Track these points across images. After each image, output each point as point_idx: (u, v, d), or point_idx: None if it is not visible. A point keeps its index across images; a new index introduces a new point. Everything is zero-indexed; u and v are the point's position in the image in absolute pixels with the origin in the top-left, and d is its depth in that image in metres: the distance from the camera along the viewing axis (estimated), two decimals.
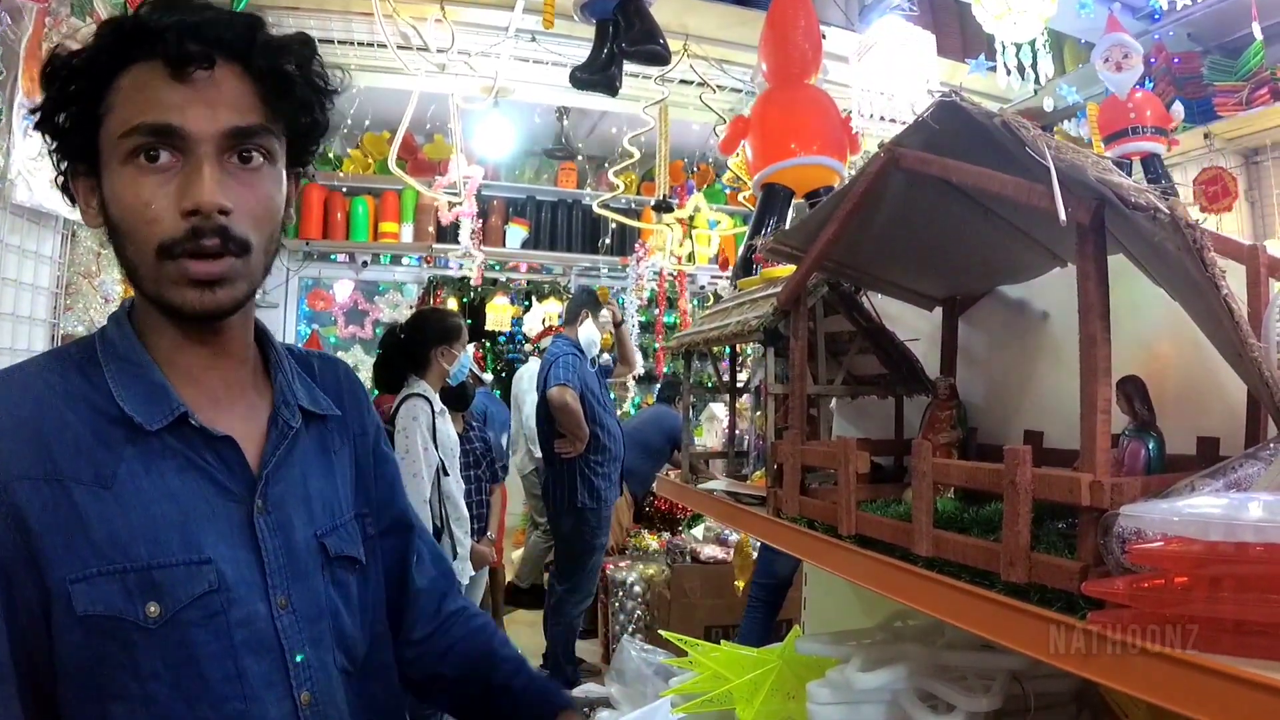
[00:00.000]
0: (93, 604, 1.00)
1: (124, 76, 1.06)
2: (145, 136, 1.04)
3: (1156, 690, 0.69)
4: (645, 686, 2.97)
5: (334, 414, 1.31)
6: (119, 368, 1.11)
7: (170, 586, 1.03)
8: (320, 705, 1.14)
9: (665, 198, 6.39)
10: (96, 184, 1.10)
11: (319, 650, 1.16)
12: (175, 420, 1.09)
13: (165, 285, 1.07)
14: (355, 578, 1.26)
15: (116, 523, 1.03)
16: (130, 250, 1.08)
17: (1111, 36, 3.52)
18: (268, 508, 1.14)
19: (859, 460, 1.16)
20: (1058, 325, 1.43)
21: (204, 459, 1.11)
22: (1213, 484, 0.81)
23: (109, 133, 1.06)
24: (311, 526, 1.20)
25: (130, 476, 1.05)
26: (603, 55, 2.89)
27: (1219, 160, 5.03)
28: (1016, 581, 0.86)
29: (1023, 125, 0.88)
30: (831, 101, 2.11)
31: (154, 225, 1.05)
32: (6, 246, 3.92)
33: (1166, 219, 0.73)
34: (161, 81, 1.05)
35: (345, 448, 1.33)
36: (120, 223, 1.07)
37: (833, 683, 1.29)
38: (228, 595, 1.07)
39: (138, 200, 1.05)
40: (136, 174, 1.05)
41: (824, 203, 1.27)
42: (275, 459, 1.17)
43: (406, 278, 8.40)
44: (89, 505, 1.02)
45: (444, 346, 4.13)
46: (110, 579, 1.01)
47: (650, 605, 5.82)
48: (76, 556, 1.01)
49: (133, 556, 1.02)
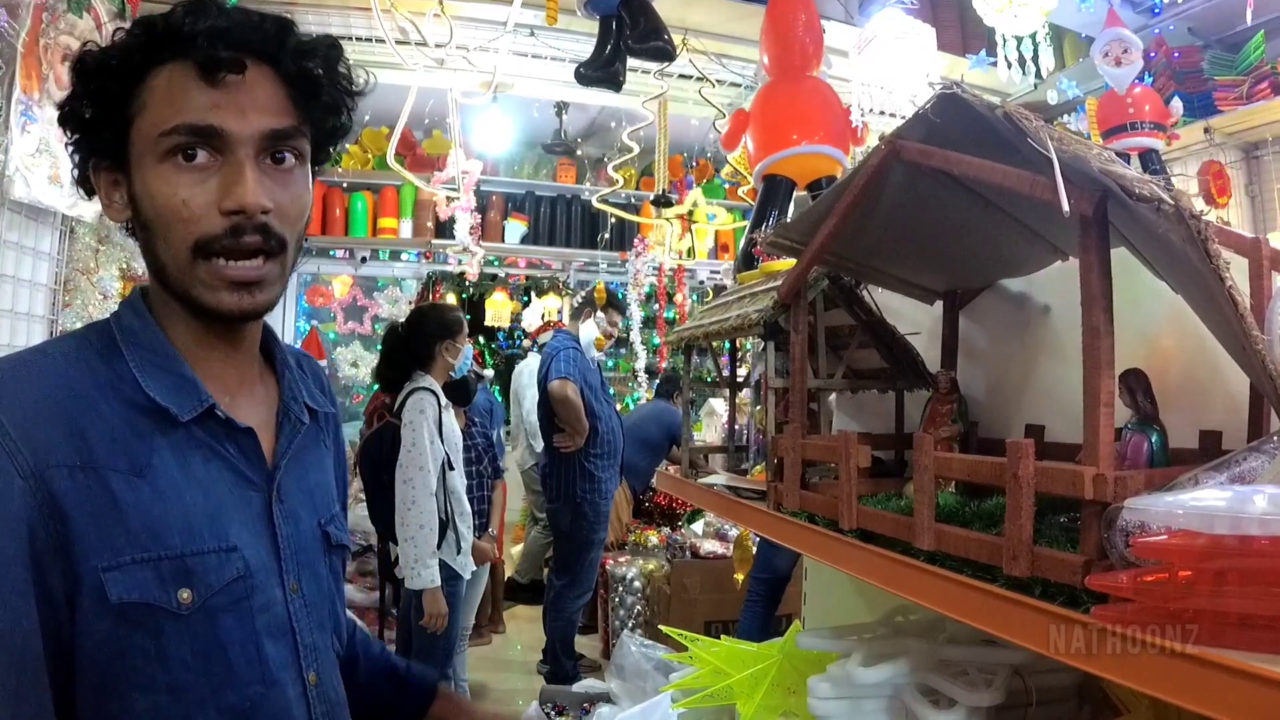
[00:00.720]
0: (127, 591, 1.01)
1: (156, 76, 1.08)
2: (186, 136, 1.05)
3: (1161, 684, 0.68)
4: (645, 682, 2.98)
5: (329, 411, 1.35)
6: (144, 358, 1.12)
7: (203, 573, 1.06)
8: (323, 685, 1.19)
9: (665, 192, 6.38)
10: (123, 179, 1.11)
11: (322, 633, 1.21)
12: (204, 412, 1.11)
13: (198, 286, 1.09)
14: (341, 566, 1.33)
15: (152, 511, 1.04)
16: (161, 247, 1.09)
17: (1111, 31, 3.52)
18: (281, 497, 1.18)
19: (860, 455, 1.15)
20: (1059, 319, 1.43)
21: (227, 450, 1.14)
22: (1216, 477, 0.80)
23: (143, 131, 1.07)
24: (315, 516, 1.25)
25: (164, 466, 1.07)
26: (606, 51, 2.89)
27: (1219, 155, 5.02)
28: (1019, 576, 0.85)
29: (1025, 116, 0.87)
30: (833, 92, 2.11)
31: (191, 223, 1.06)
32: (5, 243, 3.92)
33: (1171, 210, 0.73)
34: (194, 83, 1.06)
35: (331, 441, 1.38)
36: (154, 219, 1.09)
37: (834, 677, 1.29)
38: (251, 581, 1.10)
39: (175, 198, 1.06)
40: (174, 172, 1.06)
41: (824, 196, 1.26)
42: (289, 451, 1.21)
43: (405, 273, 8.40)
44: (125, 493, 1.03)
45: (448, 340, 4.14)
46: (145, 566, 1.03)
47: (650, 601, 5.82)
48: (110, 545, 1.02)
49: (167, 545, 1.04)
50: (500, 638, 6.51)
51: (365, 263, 8.16)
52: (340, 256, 8.10)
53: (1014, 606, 0.84)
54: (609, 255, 8.58)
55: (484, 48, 5.22)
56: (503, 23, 4.89)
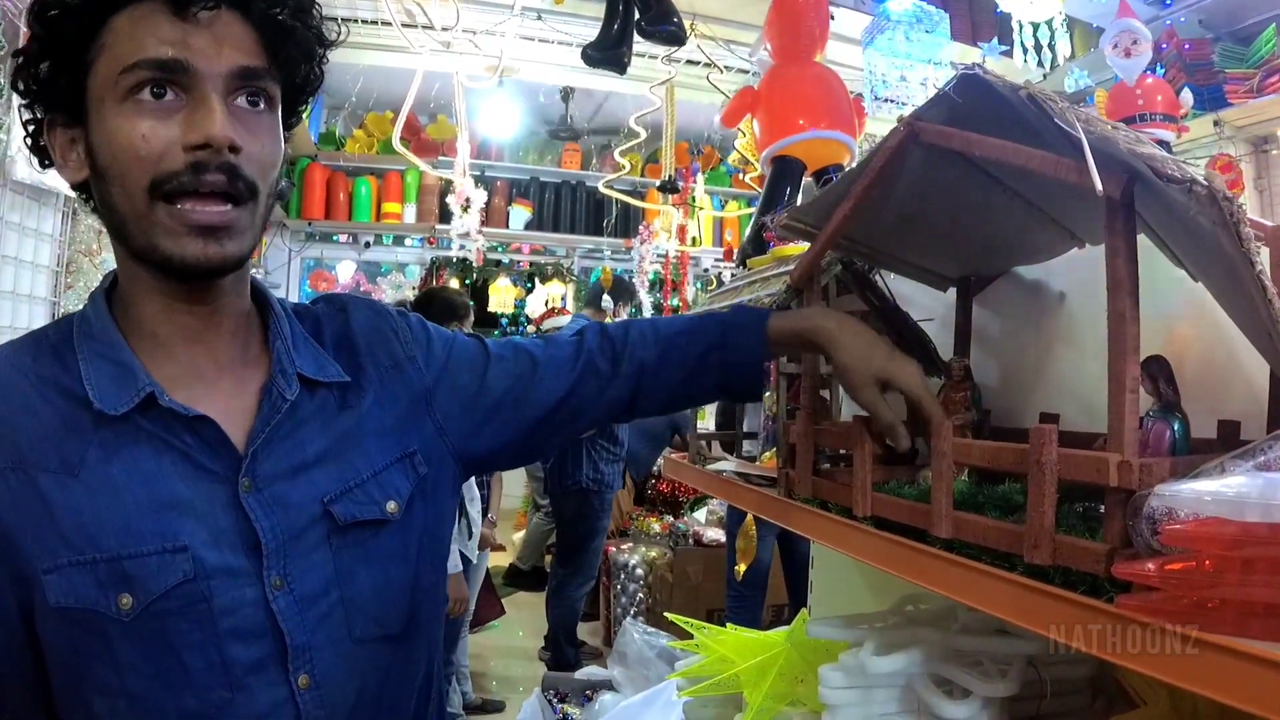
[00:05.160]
0: (64, 595, 0.97)
1: (119, 16, 1.00)
2: (150, 71, 0.98)
3: (1189, 675, 0.67)
4: (648, 669, 2.98)
5: (341, 380, 1.19)
6: (90, 348, 1.05)
7: (142, 578, 0.99)
8: (322, 687, 1.07)
9: (671, 179, 6.36)
10: (80, 133, 1.04)
11: (327, 627, 1.09)
12: (143, 401, 1.03)
13: (159, 234, 0.99)
14: (385, 536, 1.16)
15: (84, 511, 0.98)
16: (118, 195, 1.01)
17: (1121, 22, 3.48)
18: (256, 485, 1.07)
19: (874, 441, 1.14)
20: (1074, 306, 1.41)
21: (182, 440, 1.04)
22: (1243, 465, 0.79)
23: (103, 73, 1.00)
24: (315, 497, 1.11)
25: (99, 463, 1.00)
26: (613, 31, 2.89)
27: (1228, 148, 5.00)
28: (1040, 564, 0.84)
29: (1050, 98, 0.86)
30: (838, 78, 2.10)
31: (149, 160, 0.98)
32: (6, 224, 3.90)
33: (1204, 191, 0.71)
34: (164, 18, 0.99)
35: (372, 395, 1.22)
36: (110, 164, 1.00)
37: (846, 666, 1.28)
38: (208, 583, 1.01)
39: (134, 135, 0.98)
40: (135, 111, 0.98)
41: (840, 178, 1.25)
42: (266, 434, 1.09)
43: (409, 259, 8.38)
44: (54, 494, 0.98)
45: (455, 323, 4.12)
46: (81, 570, 0.97)
47: (652, 588, 5.82)
48: (46, 547, 0.97)
49: (102, 547, 0.98)
50: (502, 624, 6.51)
51: (369, 248, 8.15)
52: (343, 241, 8.09)
53: (1036, 595, 0.83)
54: (614, 242, 8.57)
55: (490, 31, 5.21)
56: (510, 6, 4.87)
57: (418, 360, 1.27)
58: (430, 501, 1.23)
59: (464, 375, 1.29)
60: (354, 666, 1.11)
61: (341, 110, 8.00)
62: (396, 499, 1.17)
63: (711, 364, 1.32)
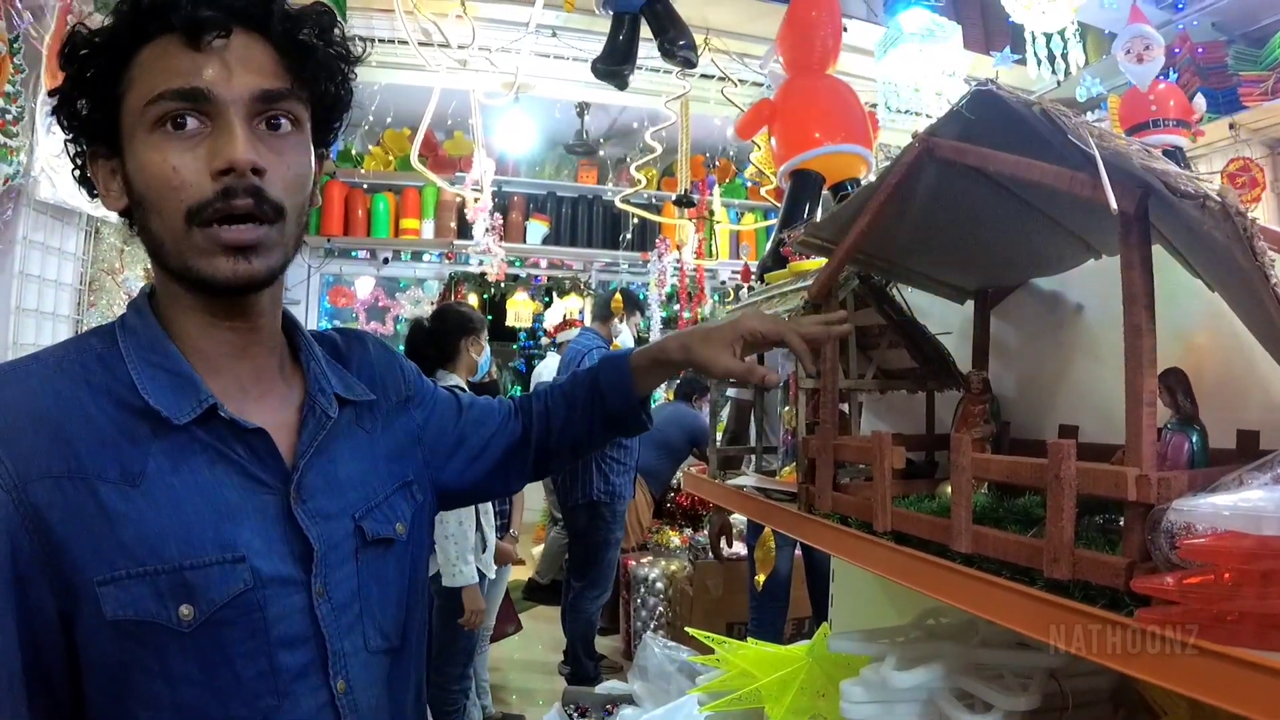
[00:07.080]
0: (122, 607, 0.97)
1: (143, 51, 1.04)
2: (172, 102, 1.01)
3: (1208, 688, 0.67)
4: (669, 684, 2.97)
5: (368, 399, 1.26)
6: (142, 357, 1.07)
7: (204, 587, 1.00)
8: (354, 691, 1.12)
9: (687, 192, 6.37)
10: (119, 165, 1.07)
11: (353, 635, 1.13)
12: (204, 413, 1.05)
13: (194, 255, 1.03)
14: (392, 555, 1.22)
15: (146, 522, 0.99)
16: (156, 222, 1.04)
17: (1133, 28, 3.49)
18: (303, 497, 1.11)
19: (895, 455, 1.14)
20: (1091, 318, 1.41)
21: (235, 451, 1.07)
22: (1261, 478, 0.79)
23: (131, 106, 1.03)
24: (347, 511, 1.16)
25: (159, 473, 1.01)
26: (619, 44, 2.93)
27: (1244, 151, 4.97)
28: (1060, 578, 0.84)
29: (1063, 113, 0.86)
30: (851, 89, 2.11)
31: (182, 190, 1.01)
32: (30, 243, 3.94)
33: (1217, 207, 0.72)
34: (181, 51, 1.02)
35: (381, 423, 1.29)
36: (145, 194, 1.03)
37: (867, 681, 1.28)
38: (263, 592, 1.04)
39: (165, 165, 1.01)
40: (163, 141, 1.02)
41: (856, 194, 1.26)
42: (313, 449, 1.14)
43: (428, 274, 8.40)
44: (116, 504, 0.99)
45: (471, 336, 4.14)
46: (140, 581, 0.98)
47: (672, 602, 5.81)
48: (104, 558, 0.97)
49: (164, 557, 0.99)
50: (521, 638, 6.50)
51: (387, 264, 8.18)
52: (362, 257, 8.13)
53: (1057, 609, 0.83)
54: (630, 256, 8.57)
55: (506, 49, 5.23)
56: (525, 23, 4.89)
57: (414, 399, 1.38)
58: (420, 529, 1.31)
59: (445, 418, 1.42)
60: (371, 674, 1.16)
61: (359, 128, 8.04)
62: (403, 521, 1.25)
63: (594, 401, 1.47)
